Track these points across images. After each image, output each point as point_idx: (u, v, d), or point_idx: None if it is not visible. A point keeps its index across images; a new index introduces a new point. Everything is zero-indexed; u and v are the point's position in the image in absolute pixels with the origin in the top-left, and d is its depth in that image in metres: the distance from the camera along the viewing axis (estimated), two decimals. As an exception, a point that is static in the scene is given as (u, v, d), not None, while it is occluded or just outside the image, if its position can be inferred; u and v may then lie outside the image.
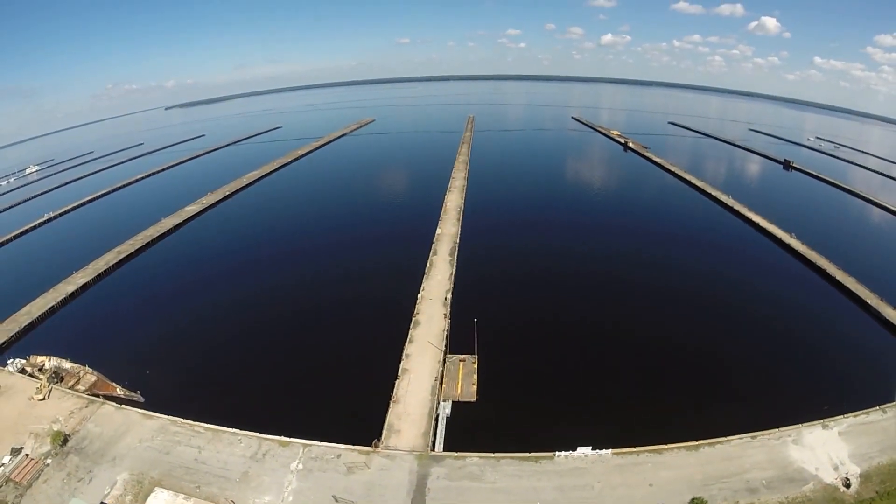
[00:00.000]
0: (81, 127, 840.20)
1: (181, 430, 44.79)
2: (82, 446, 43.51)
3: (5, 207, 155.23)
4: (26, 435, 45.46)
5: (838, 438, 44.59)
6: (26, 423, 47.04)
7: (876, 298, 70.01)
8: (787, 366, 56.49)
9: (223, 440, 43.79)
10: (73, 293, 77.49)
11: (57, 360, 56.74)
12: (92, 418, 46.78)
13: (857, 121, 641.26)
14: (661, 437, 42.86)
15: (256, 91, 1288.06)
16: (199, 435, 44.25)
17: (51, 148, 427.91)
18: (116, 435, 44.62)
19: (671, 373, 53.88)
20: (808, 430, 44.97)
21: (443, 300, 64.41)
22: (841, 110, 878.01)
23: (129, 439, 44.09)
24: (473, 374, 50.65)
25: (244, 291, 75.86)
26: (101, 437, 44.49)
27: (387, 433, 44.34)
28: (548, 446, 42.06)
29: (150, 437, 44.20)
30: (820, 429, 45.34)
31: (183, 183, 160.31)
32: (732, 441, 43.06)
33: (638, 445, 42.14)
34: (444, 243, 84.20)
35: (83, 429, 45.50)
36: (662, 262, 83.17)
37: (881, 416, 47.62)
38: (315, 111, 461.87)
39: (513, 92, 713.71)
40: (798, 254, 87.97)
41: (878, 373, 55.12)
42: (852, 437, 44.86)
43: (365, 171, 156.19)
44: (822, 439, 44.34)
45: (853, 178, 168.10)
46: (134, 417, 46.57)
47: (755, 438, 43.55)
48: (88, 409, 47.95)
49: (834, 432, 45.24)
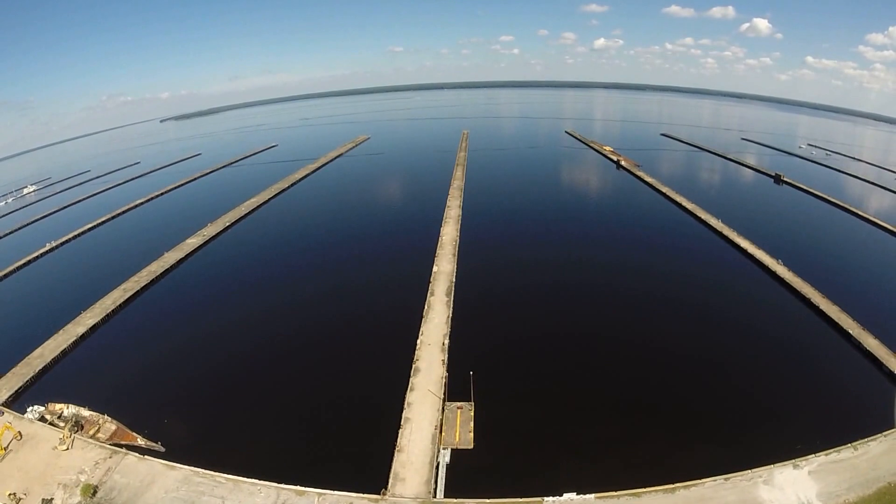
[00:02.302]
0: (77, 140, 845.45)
1: (204, 481, 48.18)
2: (111, 497, 46.78)
3: (6, 233, 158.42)
4: (55, 486, 48.74)
5: (808, 478, 47.60)
6: (53, 474, 50.29)
7: (858, 328, 72.84)
8: (765, 403, 59.63)
9: (244, 490, 47.30)
10: (84, 335, 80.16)
11: (75, 408, 59.66)
12: (117, 469, 50.10)
13: (850, 120, 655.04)
14: (642, 479, 46.43)
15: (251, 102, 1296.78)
16: (221, 485, 47.70)
17: (47, 164, 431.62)
18: (143, 486, 47.96)
19: (652, 413, 57.69)
20: (779, 471, 48.15)
21: (441, 345, 68.06)
22: (834, 109, 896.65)
23: (155, 490, 47.42)
24: (470, 422, 54.35)
25: (248, 334, 78.90)
26: (128, 487, 47.78)
27: (392, 481, 47.99)
28: (538, 492, 45.65)
29: (176, 488, 47.55)
30: (791, 469, 48.47)
31: (182, 212, 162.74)
32: (706, 483, 46.41)
33: (620, 489, 45.68)
34: (441, 282, 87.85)
35: (110, 479, 48.84)
36: (647, 298, 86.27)
37: (851, 453, 50.34)
38: (309, 126, 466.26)
39: (506, 102, 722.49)
40: (783, 281, 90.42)
41: (856, 406, 58.42)
42: (822, 475, 47.91)
43: (360, 200, 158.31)
44: (793, 479, 47.46)
45: (843, 189, 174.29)
46: (157, 468, 49.91)
47: (728, 480, 46.91)
48: (113, 460, 51.30)
49: (804, 472, 48.27)
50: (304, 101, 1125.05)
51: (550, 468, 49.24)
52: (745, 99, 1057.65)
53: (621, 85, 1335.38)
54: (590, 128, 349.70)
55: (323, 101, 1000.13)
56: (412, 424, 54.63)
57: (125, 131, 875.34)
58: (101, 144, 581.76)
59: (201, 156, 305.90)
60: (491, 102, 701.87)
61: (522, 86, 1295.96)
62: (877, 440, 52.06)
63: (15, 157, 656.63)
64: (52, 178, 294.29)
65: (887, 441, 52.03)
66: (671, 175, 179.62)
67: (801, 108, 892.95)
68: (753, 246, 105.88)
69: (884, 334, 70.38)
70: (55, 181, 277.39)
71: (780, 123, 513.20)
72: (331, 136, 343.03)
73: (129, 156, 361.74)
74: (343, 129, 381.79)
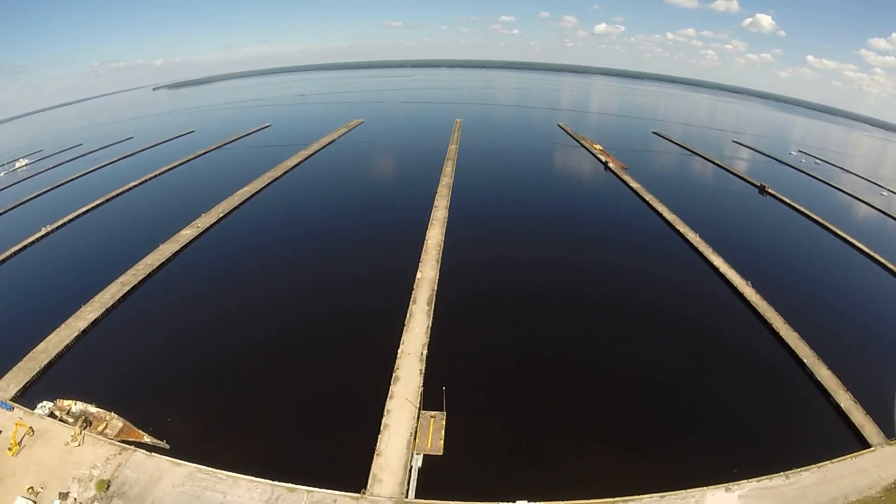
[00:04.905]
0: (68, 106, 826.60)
1: (207, 477, 54.49)
2: (123, 491, 52.94)
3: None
4: (69, 480, 54.66)
5: (737, 502, 52.14)
6: (67, 469, 56.12)
7: (813, 357, 76.57)
8: (710, 426, 65.76)
9: (242, 486, 53.77)
10: (85, 330, 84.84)
11: (83, 405, 64.74)
12: (127, 465, 56.13)
13: (846, 124, 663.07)
14: (588, 492, 53.08)
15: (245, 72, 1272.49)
16: (222, 482, 54.09)
17: (38, 133, 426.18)
18: (151, 481, 54.12)
19: (606, 429, 64.56)
20: (711, 493, 52.92)
21: (419, 355, 74.33)
22: (831, 111, 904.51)
23: (163, 485, 53.61)
24: (442, 430, 60.99)
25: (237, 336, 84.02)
26: (138, 482, 53.92)
27: (371, 482, 54.76)
28: (496, 497, 52.34)
29: (182, 483, 53.81)
30: (723, 492, 53.03)
31: (176, 198, 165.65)
32: (644, 499, 52.27)
33: (565, 499, 52.14)
34: (423, 290, 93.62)
35: (121, 475, 54.90)
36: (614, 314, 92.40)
37: (783, 481, 54.41)
38: (304, 105, 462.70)
39: (503, 87, 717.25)
40: (749, 304, 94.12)
41: (797, 436, 63.39)
42: (751, 500, 52.37)
43: (348, 198, 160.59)
44: (722, 502, 52.15)
45: (826, 203, 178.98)
46: (164, 465, 56.02)
47: (663, 498, 52.52)
48: (122, 456, 57.27)
49: (735, 496, 52.62)
50: (300, 73, 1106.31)
51: (509, 477, 56.12)
52: (744, 94, 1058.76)
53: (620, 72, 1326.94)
54: (583, 121, 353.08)
55: (319, 74, 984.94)
56: (390, 430, 61.28)
57: (117, 98, 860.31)
58: (93, 114, 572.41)
59: (195, 133, 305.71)
60: (488, 86, 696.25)
61: (521, 68, 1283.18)
62: (809, 470, 56.37)
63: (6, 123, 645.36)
64: (44, 150, 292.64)
65: (819, 472, 56.38)
66: (656, 181, 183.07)
67: (799, 107, 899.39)
68: (726, 265, 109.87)
69: (837, 365, 74.72)
70: (47, 154, 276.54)
71: (775, 125, 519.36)
72: (325, 117, 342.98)
73: (121, 129, 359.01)
74: (337, 110, 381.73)
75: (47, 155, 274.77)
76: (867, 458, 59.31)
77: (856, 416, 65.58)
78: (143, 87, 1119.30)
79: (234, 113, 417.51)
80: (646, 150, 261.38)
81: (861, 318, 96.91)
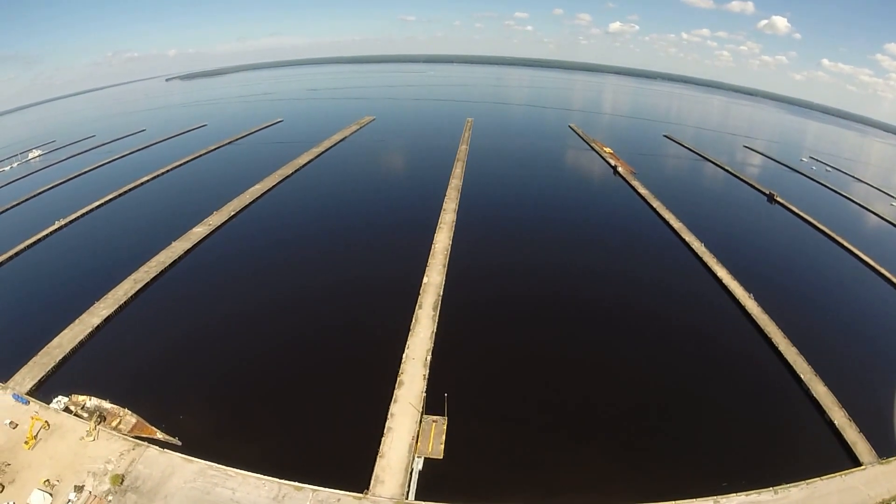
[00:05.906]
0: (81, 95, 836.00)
1: (217, 474, 56.86)
2: (136, 485, 55.38)
3: (14, 203, 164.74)
4: (85, 474, 57.14)
5: None
6: (82, 463, 58.58)
7: (811, 373, 77.09)
8: (704, 438, 67.01)
9: (251, 483, 56.07)
10: (98, 326, 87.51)
11: (97, 401, 67.49)
12: (140, 460, 58.59)
13: (859, 129, 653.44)
14: (579, 499, 55.17)
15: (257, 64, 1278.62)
16: (231, 478, 56.41)
17: (51, 123, 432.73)
18: (164, 476, 56.51)
19: (601, 438, 66.28)
20: None
21: (424, 360, 76.20)
22: (845, 115, 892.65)
23: (175, 480, 55.98)
24: (443, 435, 62.93)
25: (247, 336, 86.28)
26: (151, 477, 56.33)
27: (374, 483, 56.85)
28: (494, 501, 54.55)
29: (193, 479, 56.17)
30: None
31: (188, 194, 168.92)
32: None
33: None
34: (430, 295, 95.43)
35: (134, 470, 57.37)
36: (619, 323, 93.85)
37: (771, 496, 55.12)
38: (316, 100, 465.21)
39: (516, 84, 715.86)
40: (751, 318, 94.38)
41: (790, 452, 64.16)
42: None
43: (359, 198, 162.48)
44: None
45: (834, 213, 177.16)
46: (176, 461, 58.40)
47: None
48: (136, 452, 59.74)
49: None
50: (312, 66, 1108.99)
51: (506, 482, 58.03)
52: (757, 97, 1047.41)
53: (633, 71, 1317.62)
54: (595, 123, 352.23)
55: (331, 69, 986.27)
56: (393, 433, 63.35)
57: (130, 88, 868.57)
58: (106, 104, 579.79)
59: (207, 127, 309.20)
60: (500, 84, 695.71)
61: (534, 65, 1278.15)
62: (798, 486, 57.24)
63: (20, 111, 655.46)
64: (58, 141, 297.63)
65: (808, 489, 57.19)
66: (664, 186, 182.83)
67: (813, 111, 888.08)
68: (729, 276, 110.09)
69: (835, 382, 75.34)
70: (60, 145, 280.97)
71: (788, 129, 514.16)
72: (336, 113, 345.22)
73: (134, 120, 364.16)
74: (349, 106, 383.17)
75: (60, 146, 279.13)
76: (857, 477, 60.02)
77: (849, 434, 66.35)
78: (156, 78, 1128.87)
79: (247, 106, 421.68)
80: (656, 155, 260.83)
81: (862, 334, 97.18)
